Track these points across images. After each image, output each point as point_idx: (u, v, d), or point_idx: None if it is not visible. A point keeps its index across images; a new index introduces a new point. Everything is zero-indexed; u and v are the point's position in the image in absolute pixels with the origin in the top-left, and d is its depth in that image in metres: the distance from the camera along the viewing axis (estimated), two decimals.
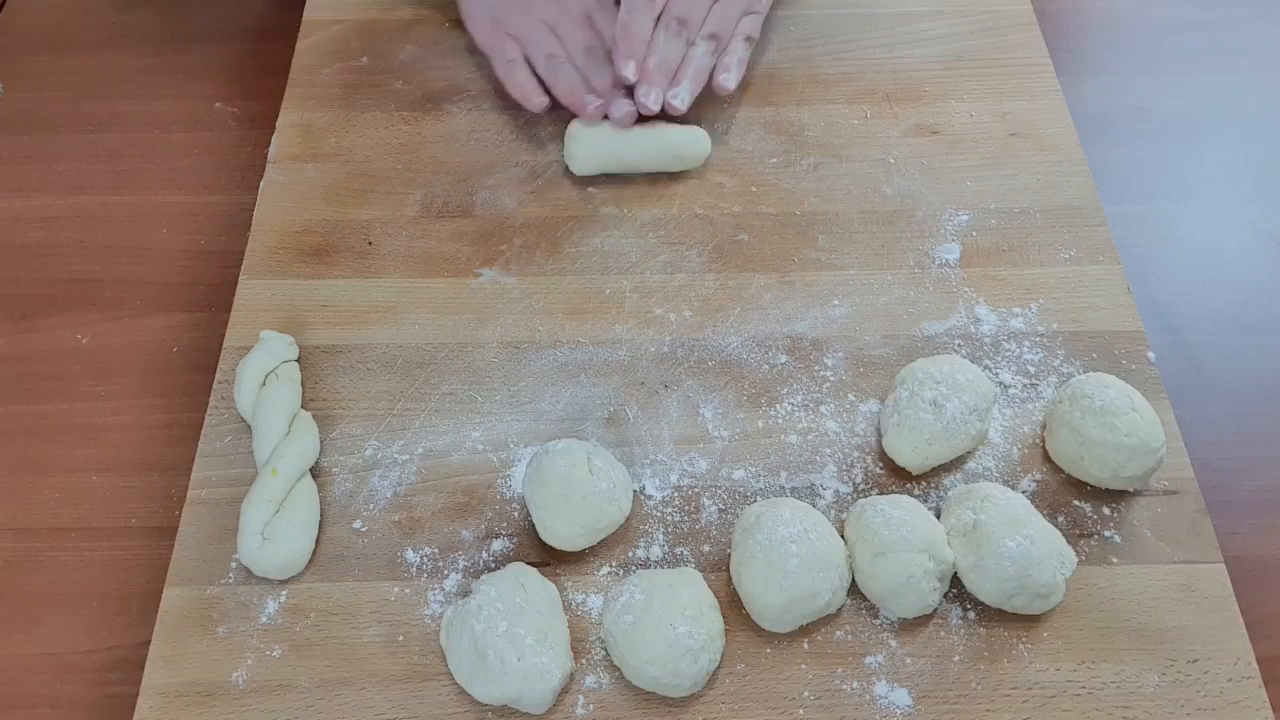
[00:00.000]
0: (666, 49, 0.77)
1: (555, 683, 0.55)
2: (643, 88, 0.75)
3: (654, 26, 0.77)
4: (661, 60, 0.76)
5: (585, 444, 0.63)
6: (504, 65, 0.79)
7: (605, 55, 0.78)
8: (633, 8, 0.77)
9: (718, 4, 0.79)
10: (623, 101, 0.76)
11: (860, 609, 0.60)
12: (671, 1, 0.78)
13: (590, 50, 0.78)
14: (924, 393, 0.64)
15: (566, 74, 0.78)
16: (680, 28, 0.77)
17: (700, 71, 0.78)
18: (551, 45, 0.79)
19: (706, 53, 0.78)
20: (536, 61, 0.79)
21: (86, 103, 0.87)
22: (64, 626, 0.62)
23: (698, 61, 0.78)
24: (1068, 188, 0.78)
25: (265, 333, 0.68)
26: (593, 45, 0.79)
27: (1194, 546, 0.61)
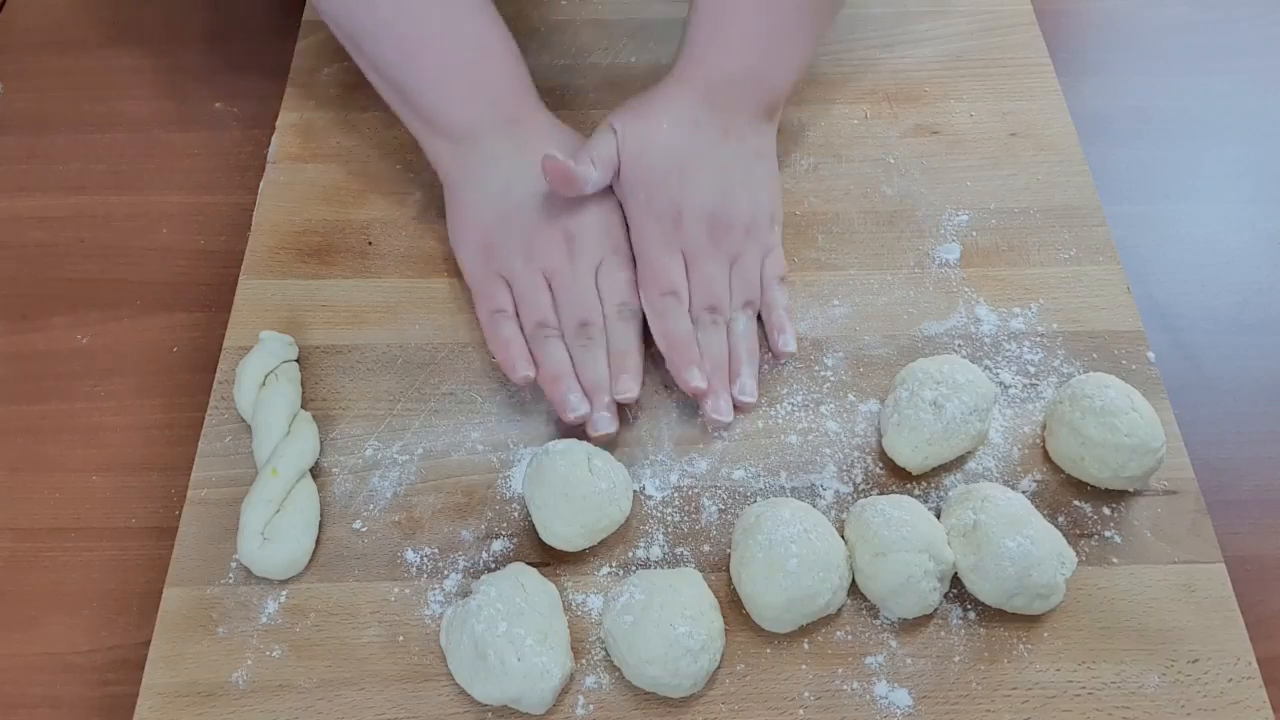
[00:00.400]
0: (711, 346, 0.68)
1: (555, 683, 0.55)
2: (710, 401, 0.66)
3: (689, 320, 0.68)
4: (715, 363, 0.67)
5: (585, 444, 0.63)
6: (489, 314, 0.68)
7: (601, 338, 0.67)
8: (666, 312, 0.68)
9: (735, 267, 0.70)
10: (604, 416, 0.65)
11: (860, 609, 0.60)
12: (695, 288, 0.69)
13: (586, 329, 0.67)
14: (924, 393, 0.64)
15: (555, 353, 0.67)
16: (715, 317, 0.69)
17: (752, 349, 0.69)
18: (544, 309, 0.68)
19: (749, 327, 0.70)
20: (525, 323, 0.68)
21: (86, 103, 0.87)
22: (64, 626, 0.62)
23: (746, 340, 0.69)
24: (1068, 188, 0.78)
25: (265, 333, 0.68)
26: (590, 322, 0.67)
27: (1194, 546, 0.62)
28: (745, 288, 0.70)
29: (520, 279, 0.69)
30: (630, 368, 0.66)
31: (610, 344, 0.67)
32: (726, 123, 0.71)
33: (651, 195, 0.69)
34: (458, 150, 0.71)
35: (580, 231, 0.69)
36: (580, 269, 0.69)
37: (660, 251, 0.69)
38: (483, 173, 0.70)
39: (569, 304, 0.68)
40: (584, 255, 0.69)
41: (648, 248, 0.69)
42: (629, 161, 0.69)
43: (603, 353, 0.67)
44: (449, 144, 0.71)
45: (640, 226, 0.70)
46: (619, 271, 0.69)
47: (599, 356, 0.67)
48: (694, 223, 0.69)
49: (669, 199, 0.69)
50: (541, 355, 0.66)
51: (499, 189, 0.70)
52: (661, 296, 0.68)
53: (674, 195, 0.69)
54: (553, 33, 0.88)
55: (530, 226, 0.69)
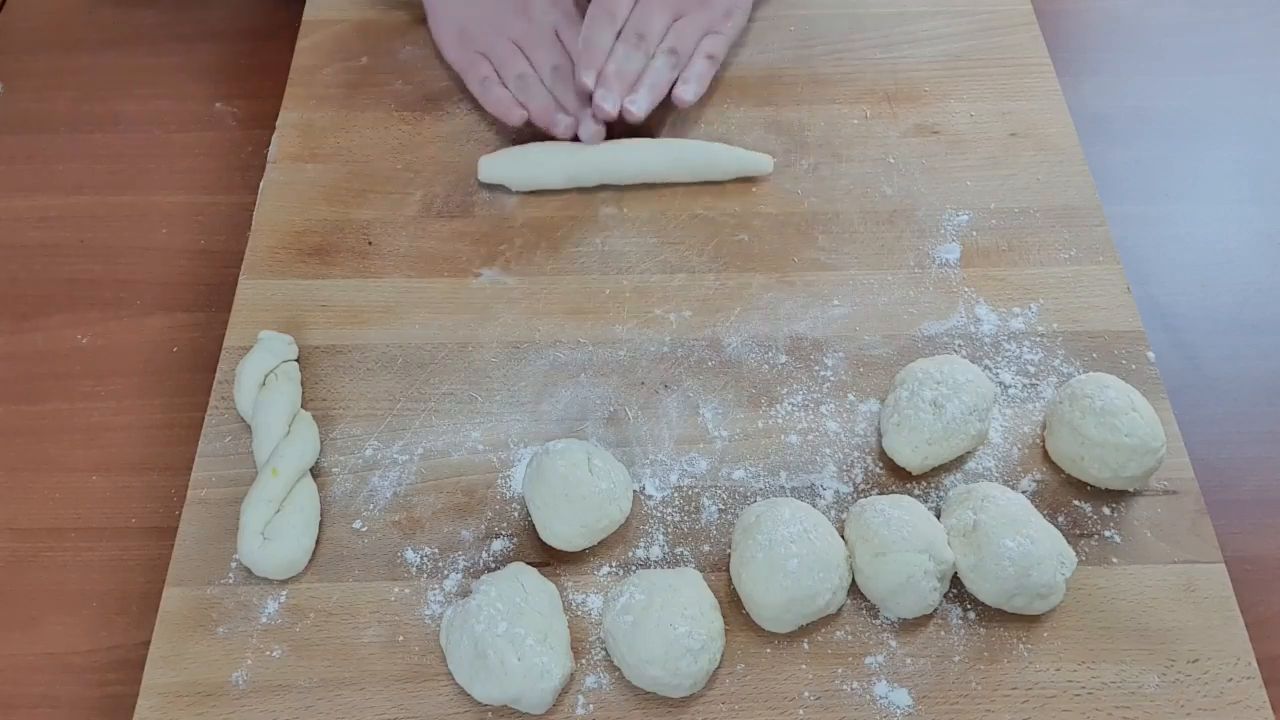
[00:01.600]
0: (625, 60, 0.78)
1: (555, 683, 0.55)
2: (600, 92, 0.76)
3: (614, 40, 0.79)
4: (619, 69, 0.78)
5: (585, 444, 0.63)
6: (478, 83, 0.80)
7: (571, 72, 0.79)
8: (593, 21, 0.79)
9: (679, 21, 0.81)
10: (590, 121, 0.77)
11: (860, 609, 0.60)
12: (631, 18, 0.80)
13: (558, 69, 0.80)
14: (924, 393, 0.64)
15: (537, 93, 0.79)
16: (639, 41, 0.79)
17: (658, 83, 0.79)
18: (521, 64, 0.80)
19: (665, 65, 0.79)
20: (508, 79, 0.80)
21: (86, 103, 0.87)
22: (64, 626, 0.62)
23: (655, 73, 0.79)
24: (1068, 188, 0.78)
25: (264, 333, 0.68)
26: (560, 64, 0.80)
27: (1194, 546, 0.62)
28: (676, 37, 0.80)
29: (494, 47, 0.81)
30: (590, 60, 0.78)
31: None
32: None
33: None
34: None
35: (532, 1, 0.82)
36: (538, 26, 0.81)
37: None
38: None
39: (539, 53, 0.81)
40: (539, 16, 0.81)
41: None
42: None
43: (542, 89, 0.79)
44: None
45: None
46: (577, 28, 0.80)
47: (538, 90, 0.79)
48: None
49: None
50: (527, 97, 0.79)
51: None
52: (600, 13, 0.79)
53: None
54: None
55: (491, 5, 0.82)
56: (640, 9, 0.80)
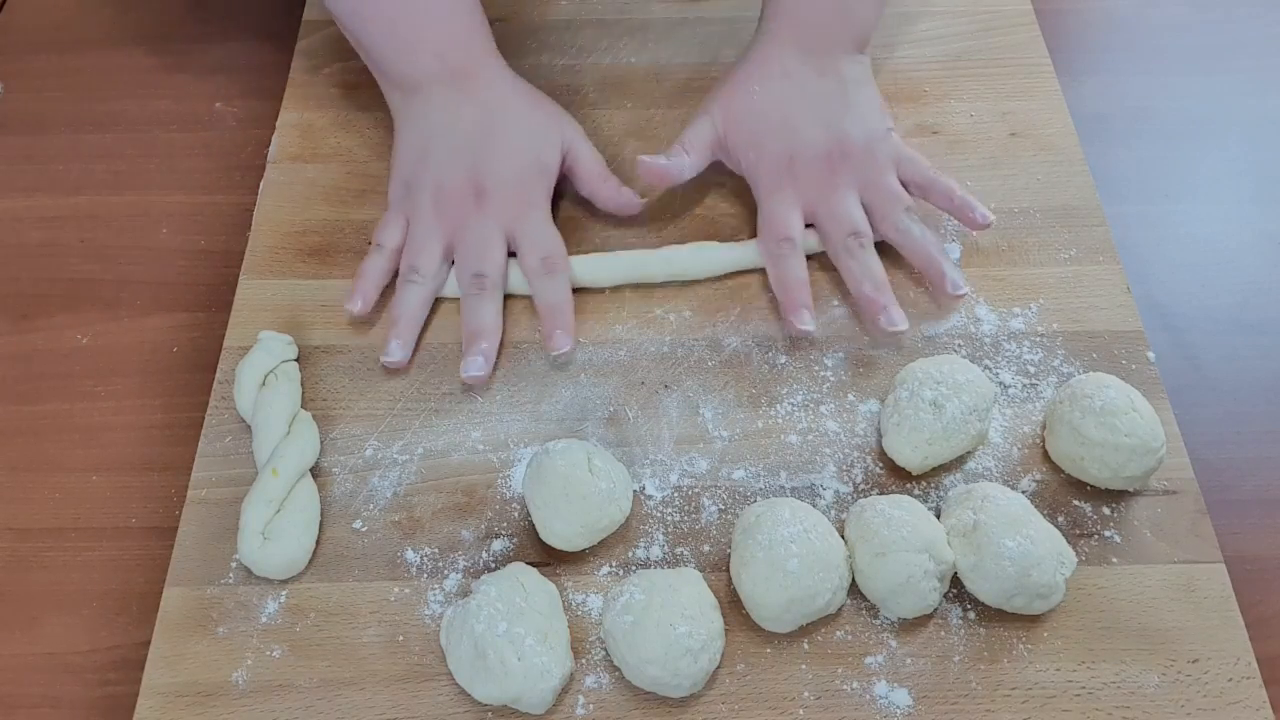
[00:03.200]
0: (868, 268, 0.69)
1: (555, 683, 0.55)
2: (884, 318, 0.67)
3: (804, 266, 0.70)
4: (875, 282, 0.68)
5: (585, 444, 0.63)
6: (374, 244, 0.71)
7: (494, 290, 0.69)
8: (778, 258, 0.69)
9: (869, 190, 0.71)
10: (478, 360, 0.66)
11: (860, 609, 0.60)
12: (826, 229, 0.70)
13: (479, 280, 0.68)
14: (924, 393, 0.64)
15: (408, 299, 0.68)
16: (859, 239, 0.69)
17: (938, 243, 0.70)
18: (421, 258, 0.69)
19: (923, 230, 0.70)
20: (401, 264, 0.70)
21: (86, 103, 0.87)
22: (64, 626, 0.62)
23: (929, 240, 0.70)
24: (1068, 188, 0.78)
25: (264, 333, 0.68)
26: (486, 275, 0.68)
27: (1194, 546, 0.62)
28: (894, 199, 0.71)
29: (418, 222, 0.71)
30: (563, 323, 0.68)
31: (539, 298, 0.69)
32: (820, 64, 0.73)
33: (760, 152, 0.72)
34: (407, 99, 0.74)
35: (493, 185, 0.71)
36: (486, 222, 0.70)
37: (775, 201, 0.71)
38: (421, 117, 0.73)
39: (465, 253, 0.70)
40: (494, 212, 0.70)
41: (763, 200, 0.72)
42: (731, 133, 0.73)
43: (491, 304, 0.69)
44: (400, 94, 0.74)
45: (757, 184, 0.73)
46: (538, 228, 0.71)
47: (487, 306, 0.68)
48: (807, 163, 0.71)
49: (778, 149, 0.72)
50: (400, 296, 0.69)
51: (430, 134, 0.72)
52: (778, 243, 0.70)
53: (782, 144, 0.72)
54: (553, 32, 0.88)
55: (446, 175, 0.71)
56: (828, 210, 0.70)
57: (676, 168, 0.72)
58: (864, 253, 0.70)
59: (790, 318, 0.68)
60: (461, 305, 0.69)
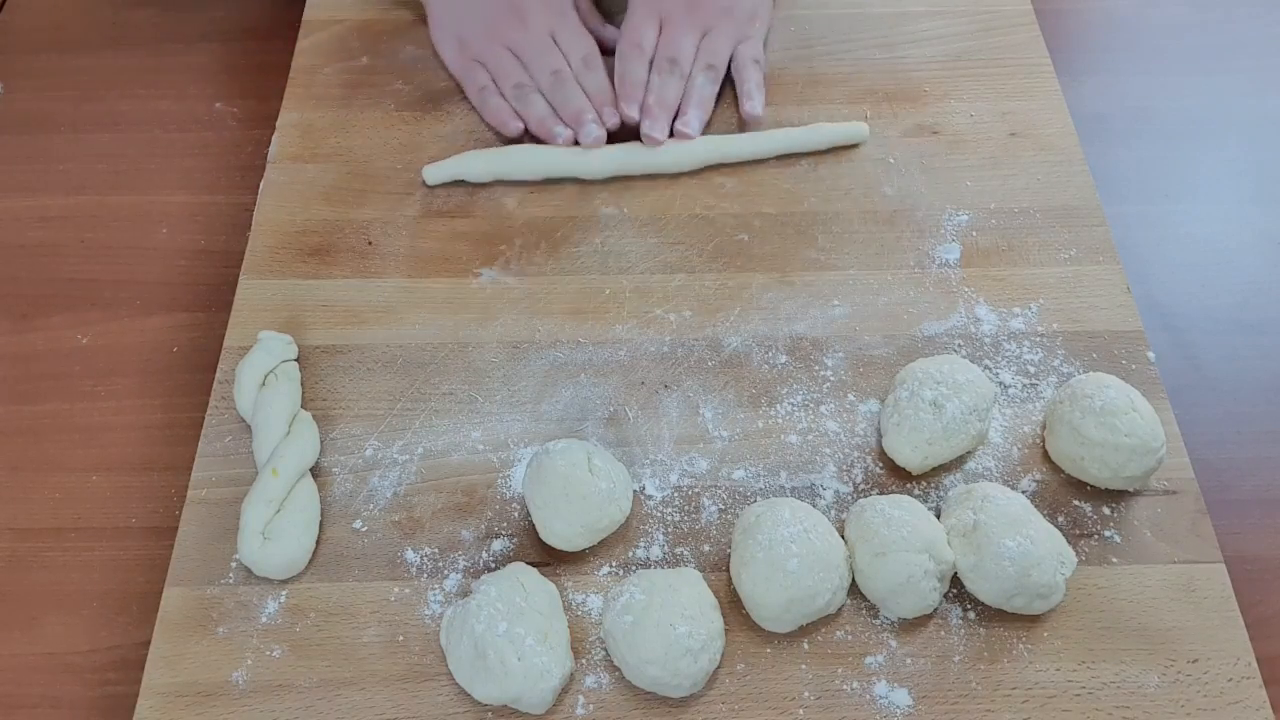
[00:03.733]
0: (663, 88, 0.79)
1: (555, 683, 0.55)
2: (646, 122, 0.78)
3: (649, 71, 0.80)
4: (659, 98, 0.79)
5: (585, 444, 0.63)
6: (476, 92, 0.81)
7: (571, 78, 0.80)
8: (624, 57, 0.81)
9: (706, 38, 0.82)
10: (591, 126, 0.77)
11: (860, 609, 0.60)
12: (660, 45, 0.81)
13: (557, 75, 0.80)
14: (924, 393, 0.64)
15: (534, 103, 0.79)
16: (672, 67, 0.80)
17: (704, 99, 0.80)
18: (518, 74, 0.81)
19: (707, 81, 0.80)
20: (504, 89, 0.80)
21: (86, 103, 0.87)
22: (64, 626, 0.62)
23: (699, 90, 0.80)
24: (1068, 188, 0.78)
25: (264, 333, 0.68)
26: (559, 69, 0.80)
27: (1194, 546, 0.62)
28: (709, 54, 0.81)
29: (490, 56, 0.82)
30: (609, 100, 0.80)
31: (587, 88, 0.80)
32: None
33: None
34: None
35: (527, 5, 0.82)
36: (535, 33, 0.82)
37: (639, 14, 0.83)
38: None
39: (536, 61, 0.81)
40: (535, 22, 0.82)
41: (631, 10, 0.83)
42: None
43: (577, 89, 0.80)
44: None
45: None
46: (574, 32, 0.82)
47: (575, 91, 0.80)
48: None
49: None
50: (525, 108, 0.79)
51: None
52: (630, 47, 0.81)
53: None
54: None
55: (488, 14, 0.82)
56: (667, 35, 0.81)
57: None
58: (669, 77, 0.80)
59: (623, 107, 0.78)
60: (553, 99, 0.79)
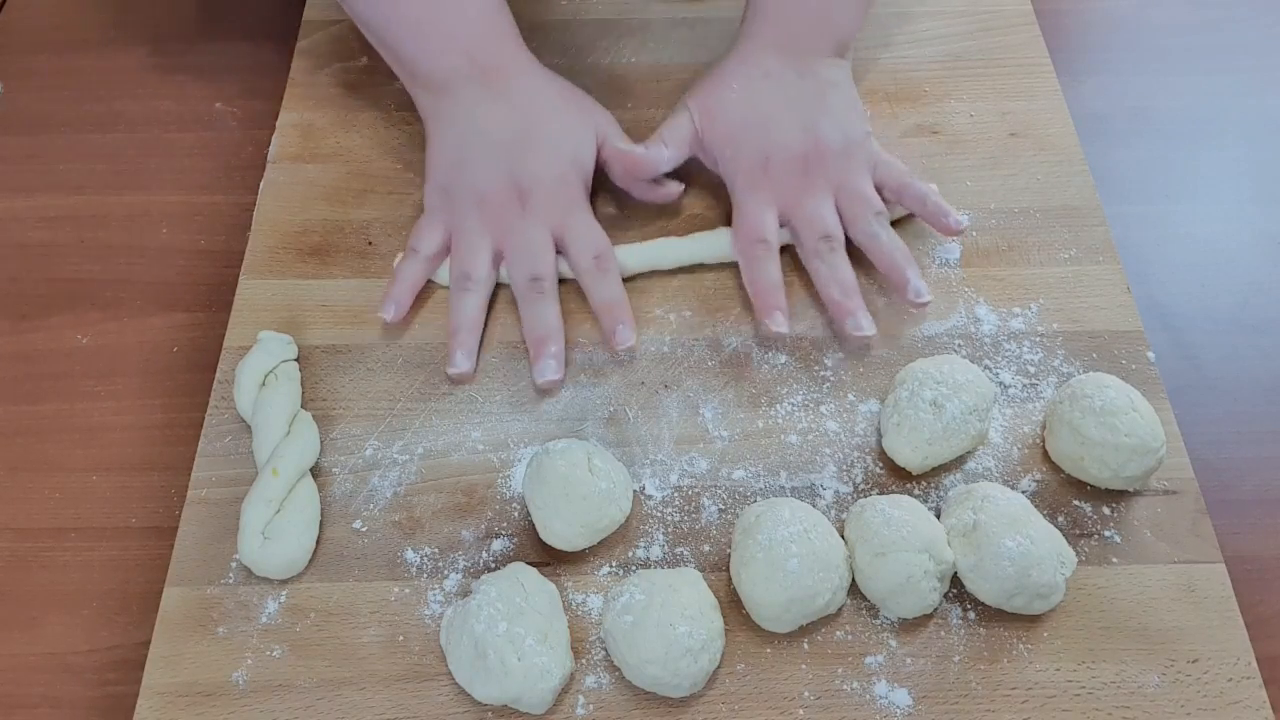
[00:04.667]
0: (836, 271, 0.69)
1: (555, 683, 0.55)
2: (850, 321, 0.68)
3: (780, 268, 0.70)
4: (843, 286, 0.68)
5: (585, 444, 0.63)
6: (409, 248, 0.70)
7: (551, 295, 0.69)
8: (751, 259, 0.69)
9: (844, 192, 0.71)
10: (550, 363, 0.67)
11: (860, 609, 0.60)
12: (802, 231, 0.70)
13: (536, 284, 0.68)
14: (924, 393, 0.64)
15: (466, 307, 0.68)
16: (830, 244, 0.69)
17: (905, 252, 0.69)
18: (472, 264, 0.68)
19: (892, 235, 0.70)
20: (451, 271, 0.70)
21: (86, 103, 0.87)
22: (64, 626, 0.62)
23: (897, 246, 0.69)
24: (1068, 188, 0.78)
25: (263, 333, 0.68)
26: (540, 278, 0.68)
27: (1194, 546, 0.62)
28: (865, 203, 0.71)
29: (464, 230, 0.70)
30: (624, 317, 0.68)
31: (595, 297, 0.69)
32: (800, 66, 0.73)
33: (737, 150, 0.72)
34: (437, 100, 0.73)
35: (535, 187, 0.70)
36: (531, 226, 0.69)
37: (751, 201, 0.71)
38: (453, 119, 0.72)
39: (518, 258, 0.69)
40: (538, 213, 0.70)
41: (740, 199, 0.72)
42: (707, 129, 0.72)
43: (552, 305, 0.69)
44: (429, 95, 0.73)
45: (732, 181, 0.73)
46: (586, 228, 0.70)
47: (548, 308, 0.68)
48: (783, 164, 0.71)
49: (754, 149, 0.72)
50: (456, 305, 0.68)
51: (466, 137, 0.71)
52: (752, 244, 0.70)
53: (758, 144, 0.71)
54: (553, 32, 0.88)
55: (486, 180, 0.70)
56: (801, 215, 0.70)
57: (654, 158, 0.72)
58: (834, 256, 0.69)
59: (765, 320, 0.68)
60: (521, 311, 0.69)
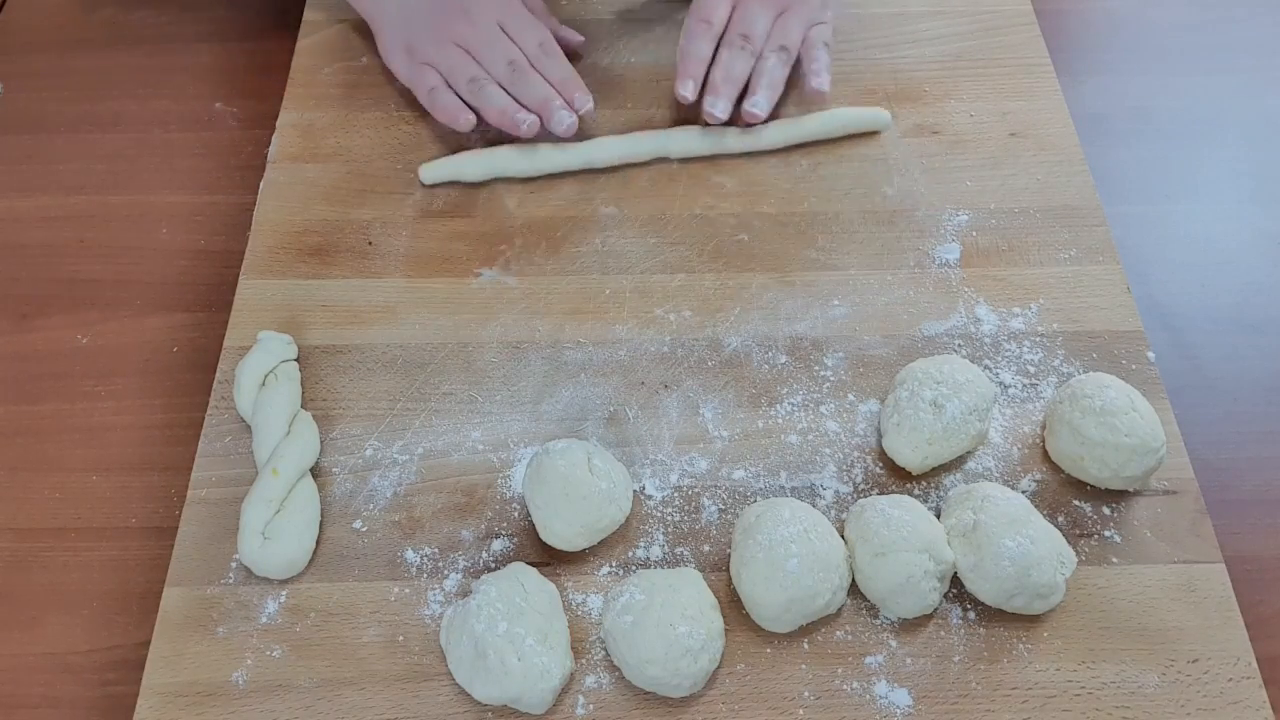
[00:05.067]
0: (731, 64, 0.77)
1: (555, 683, 0.55)
2: (709, 99, 0.76)
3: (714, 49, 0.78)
4: (727, 74, 0.77)
5: (585, 444, 0.63)
6: (426, 94, 0.78)
7: (529, 67, 0.77)
8: (691, 33, 0.78)
9: (780, 18, 0.80)
10: (562, 113, 0.75)
11: (860, 609, 0.60)
12: (733, 21, 0.79)
13: (514, 64, 0.77)
14: (924, 393, 0.64)
15: (492, 95, 0.77)
16: (744, 43, 0.78)
17: (775, 80, 0.78)
18: (470, 68, 0.78)
19: (779, 63, 0.79)
20: (458, 86, 0.78)
21: (86, 103, 0.87)
22: (64, 626, 0.62)
23: (770, 71, 0.78)
24: (1068, 188, 0.78)
25: (263, 333, 0.68)
26: (514, 59, 0.77)
27: (1194, 546, 0.62)
28: (783, 34, 0.79)
29: (439, 55, 0.78)
30: (578, 88, 0.77)
31: (550, 75, 0.77)
32: None
33: None
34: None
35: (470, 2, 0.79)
36: (483, 26, 0.78)
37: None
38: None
39: (488, 53, 0.78)
40: (481, 15, 0.78)
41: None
42: None
43: (538, 76, 0.77)
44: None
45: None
46: (524, 20, 0.79)
47: (535, 79, 0.77)
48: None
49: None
50: (482, 102, 0.77)
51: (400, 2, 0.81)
52: (698, 22, 0.78)
53: None
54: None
55: (432, 15, 0.79)
56: (741, 12, 0.79)
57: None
58: (740, 54, 0.77)
59: (677, 85, 0.76)
60: (514, 92, 0.77)
